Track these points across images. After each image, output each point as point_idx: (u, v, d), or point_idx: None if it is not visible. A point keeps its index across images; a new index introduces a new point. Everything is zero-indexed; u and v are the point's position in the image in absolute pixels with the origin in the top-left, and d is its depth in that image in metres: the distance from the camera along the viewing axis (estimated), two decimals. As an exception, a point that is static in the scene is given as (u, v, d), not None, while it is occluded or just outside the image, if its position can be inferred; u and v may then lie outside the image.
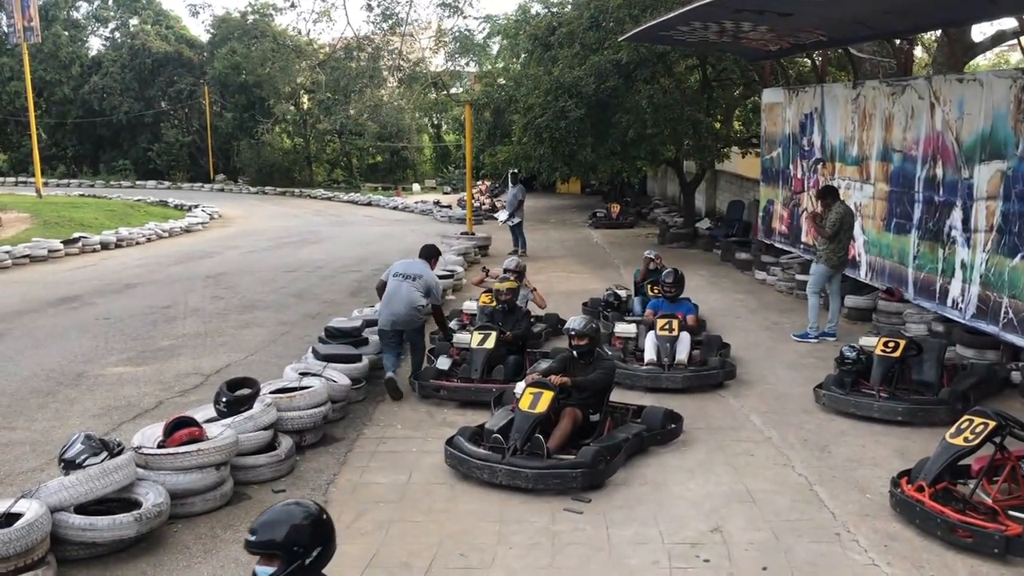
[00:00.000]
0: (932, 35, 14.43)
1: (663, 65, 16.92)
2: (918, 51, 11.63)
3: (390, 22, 17.43)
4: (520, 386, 6.35)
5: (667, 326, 8.33)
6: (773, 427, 7.00)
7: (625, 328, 8.97)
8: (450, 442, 6.07)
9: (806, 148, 13.06)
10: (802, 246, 13.15)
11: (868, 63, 12.97)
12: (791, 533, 5.08)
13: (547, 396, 6.01)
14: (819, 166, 12.55)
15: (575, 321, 6.76)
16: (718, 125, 18.65)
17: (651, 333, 8.43)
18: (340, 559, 4.72)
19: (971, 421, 5.16)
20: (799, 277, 12.65)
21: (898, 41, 10.86)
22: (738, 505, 5.49)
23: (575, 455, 5.78)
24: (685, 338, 8.31)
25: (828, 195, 9.89)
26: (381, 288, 8.27)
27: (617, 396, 7.77)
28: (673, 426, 6.68)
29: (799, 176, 13.38)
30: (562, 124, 15.86)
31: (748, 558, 4.78)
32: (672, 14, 10.94)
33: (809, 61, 16.18)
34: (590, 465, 5.64)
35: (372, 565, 4.72)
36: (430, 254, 8.65)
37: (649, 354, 8.27)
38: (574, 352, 6.68)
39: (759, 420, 7.19)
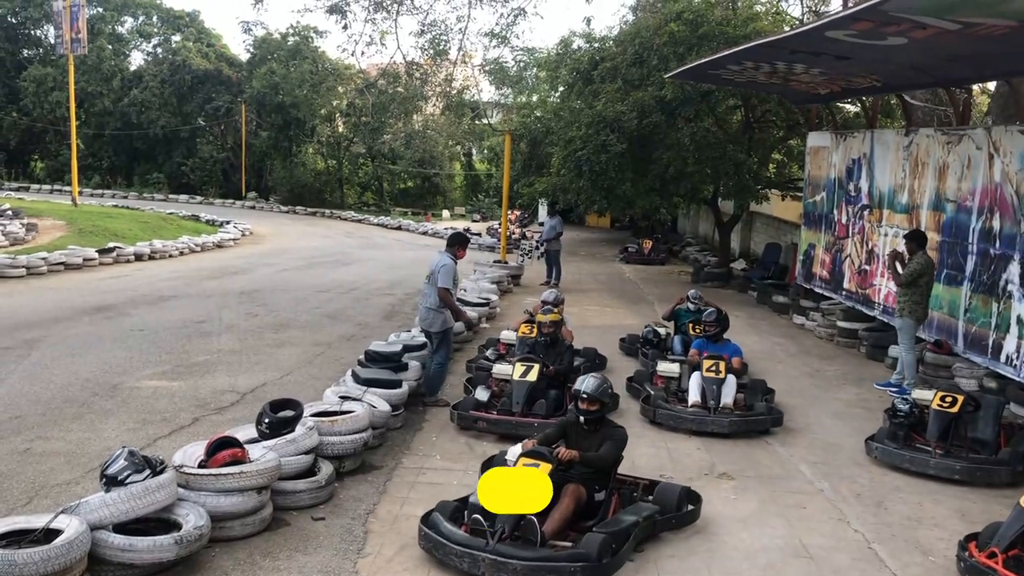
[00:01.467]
0: (980, 87, 14.26)
1: (706, 104, 16.85)
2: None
3: (440, 47, 17.47)
4: (513, 451, 5.43)
5: (714, 367, 8.11)
6: (824, 479, 6.76)
7: (668, 367, 8.76)
8: (427, 519, 5.08)
9: (852, 194, 12.86)
10: (844, 292, 12.91)
11: (920, 111, 12.78)
12: (853, 594, 4.85)
13: (544, 469, 5.02)
14: (866, 212, 12.34)
15: (588, 383, 5.73)
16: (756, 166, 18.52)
17: (696, 374, 8.22)
18: (383, 595, 4.59)
19: (1047, 486, 4.92)
20: (840, 324, 12.42)
21: (956, 90, 10.64)
22: (795, 560, 5.26)
23: (574, 542, 4.90)
24: (731, 381, 8.09)
25: (915, 240, 9.49)
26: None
27: (659, 437, 7.63)
28: (691, 507, 5.74)
29: (843, 221, 13.17)
30: (603, 158, 15.78)
31: (809, 619, 4.56)
32: (728, 51, 10.84)
33: (854, 106, 16.07)
34: (594, 559, 4.66)
35: (416, 603, 4.54)
36: (453, 242, 8.59)
37: (694, 396, 8.06)
38: (580, 417, 5.73)
39: (809, 471, 6.96)
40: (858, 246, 12.58)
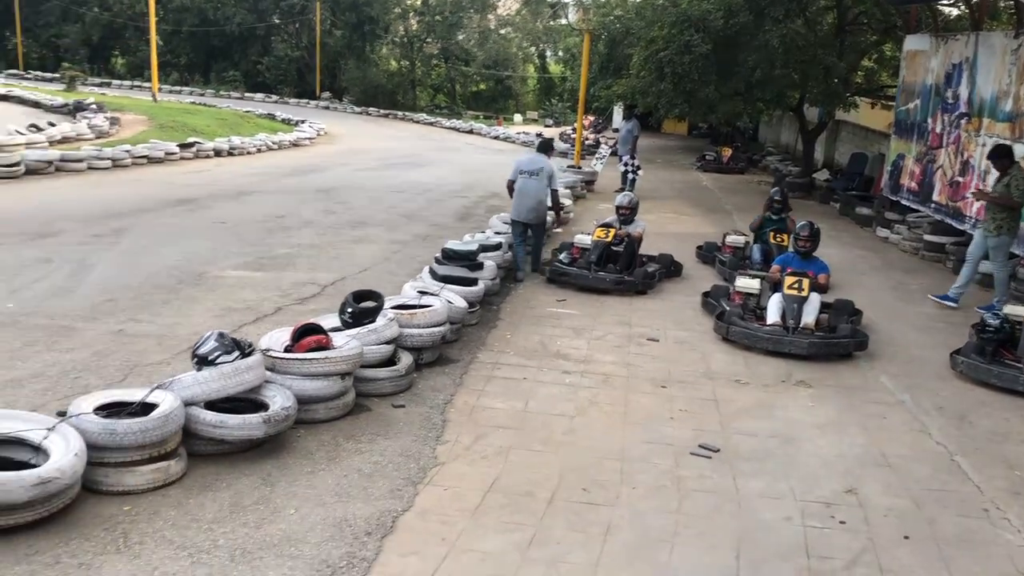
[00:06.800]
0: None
1: (797, 4, 16.05)
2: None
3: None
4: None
5: (796, 285, 7.66)
6: (905, 390, 6.63)
7: (748, 283, 8.24)
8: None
9: (949, 101, 12.22)
10: (933, 205, 12.42)
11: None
12: (934, 504, 4.78)
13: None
14: (963, 121, 11.73)
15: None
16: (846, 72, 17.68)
17: (777, 293, 7.77)
18: (461, 480, 4.72)
19: None
20: (927, 237, 12.02)
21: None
22: (874, 468, 5.20)
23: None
24: (814, 300, 7.62)
25: (1006, 156, 8.93)
26: (510, 186, 9.73)
27: (732, 356, 7.49)
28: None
29: (938, 131, 12.57)
30: (686, 59, 15.25)
31: (888, 524, 4.52)
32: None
33: (957, 8, 15.16)
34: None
35: (493, 490, 4.63)
36: (547, 147, 10.24)
37: (773, 316, 7.57)
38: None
39: (890, 382, 6.82)
40: (952, 157, 12.02)
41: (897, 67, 15.23)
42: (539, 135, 29.79)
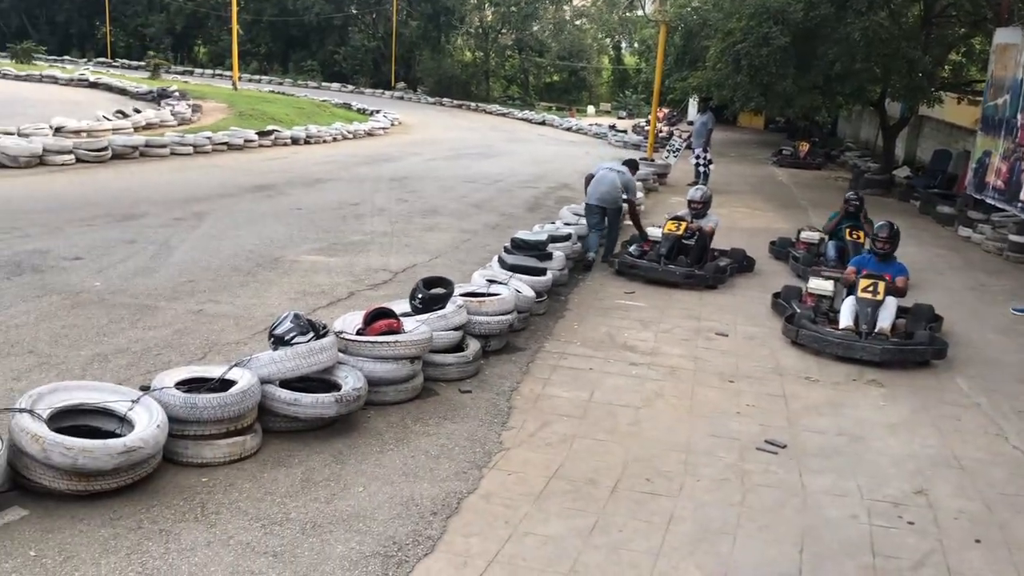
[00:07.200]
0: None
1: (881, -5, 15.64)
2: None
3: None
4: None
5: (871, 288, 7.33)
6: (982, 393, 6.46)
7: (821, 285, 7.95)
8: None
9: (1040, 97, 11.78)
10: (1020, 204, 11.99)
11: None
12: (1007, 508, 4.66)
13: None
14: (1054, 118, 11.31)
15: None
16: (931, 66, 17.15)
17: (850, 297, 7.47)
18: (525, 465, 4.78)
19: None
20: (1013, 238, 11.63)
21: None
22: (946, 470, 5.09)
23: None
24: (891, 303, 7.27)
25: None
26: (588, 179, 9.96)
27: (802, 353, 7.36)
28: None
29: (1027, 127, 12.12)
30: (763, 52, 14.96)
31: (958, 527, 4.43)
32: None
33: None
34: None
35: (557, 476, 4.68)
36: (632, 165, 10.59)
37: (845, 320, 7.25)
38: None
39: (966, 384, 6.65)
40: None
41: (986, 61, 14.73)
42: (612, 127, 29.74)
